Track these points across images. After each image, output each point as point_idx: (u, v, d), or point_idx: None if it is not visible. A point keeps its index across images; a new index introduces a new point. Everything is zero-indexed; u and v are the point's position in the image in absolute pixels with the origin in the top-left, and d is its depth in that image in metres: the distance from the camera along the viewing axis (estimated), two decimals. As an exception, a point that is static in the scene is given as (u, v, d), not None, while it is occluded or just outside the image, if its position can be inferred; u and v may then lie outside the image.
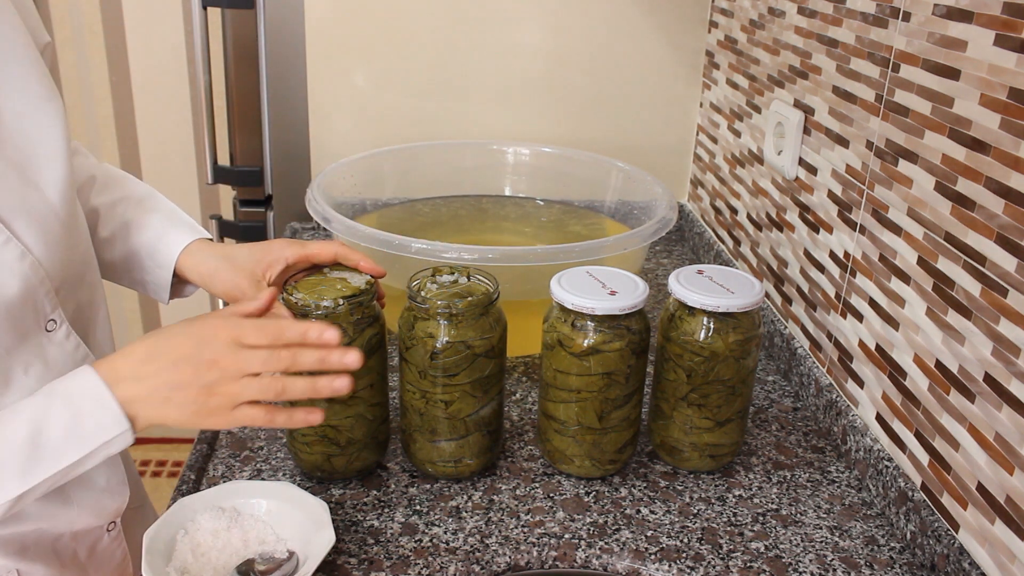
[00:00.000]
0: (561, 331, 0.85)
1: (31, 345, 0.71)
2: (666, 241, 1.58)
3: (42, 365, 0.73)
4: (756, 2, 1.27)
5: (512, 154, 1.48)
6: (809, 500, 0.89)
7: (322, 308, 0.80)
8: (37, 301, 0.70)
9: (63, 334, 0.75)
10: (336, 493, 0.88)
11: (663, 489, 0.90)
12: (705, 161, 1.53)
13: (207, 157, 1.56)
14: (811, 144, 1.09)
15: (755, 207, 1.28)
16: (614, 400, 0.87)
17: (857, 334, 0.97)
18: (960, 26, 0.77)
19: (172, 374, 0.66)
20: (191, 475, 0.88)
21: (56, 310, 0.73)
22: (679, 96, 1.56)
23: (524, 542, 0.82)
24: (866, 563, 0.80)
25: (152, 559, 0.72)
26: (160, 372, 0.66)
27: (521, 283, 1.05)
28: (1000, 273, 0.72)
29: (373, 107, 1.52)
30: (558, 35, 1.49)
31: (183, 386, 0.65)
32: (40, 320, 0.72)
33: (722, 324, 0.86)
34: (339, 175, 1.30)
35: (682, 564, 0.79)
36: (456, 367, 0.83)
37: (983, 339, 0.74)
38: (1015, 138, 0.70)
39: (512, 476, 0.91)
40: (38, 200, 0.70)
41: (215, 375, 0.66)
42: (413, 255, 1.00)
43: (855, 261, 0.97)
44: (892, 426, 0.89)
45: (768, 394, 1.09)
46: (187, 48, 2.16)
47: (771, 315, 1.19)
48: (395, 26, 1.47)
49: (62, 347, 0.75)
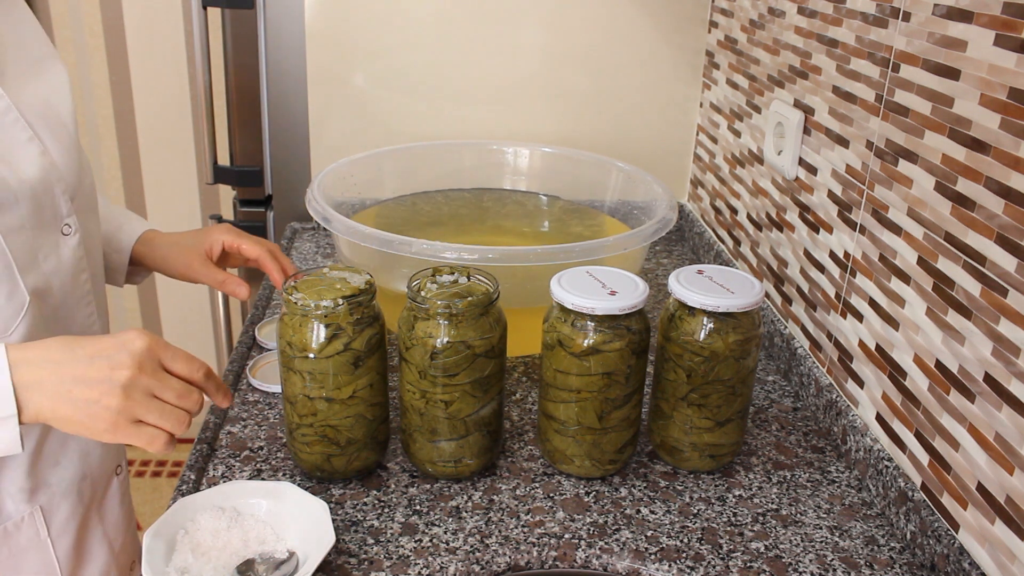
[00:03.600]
0: (561, 331, 0.85)
1: (50, 237, 0.78)
2: (666, 241, 1.58)
3: (56, 260, 0.79)
4: (756, 2, 1.27)
5: (512, 154, 1.48)
6: (809, 500, 0.89)
7: (322, 308, 0.80)
8: (55, 196, 0.78)
9: (75, 242, 0.81)
10: (336, 493, 0.88)
11: (663, 489, 0.90)
12: (705, 161, 1.53)
13: (207, 157, 1.56)
14: (811, 144, 1.09)
15: (755, 207, 1.28)
16: (614, 400, 0.87)
17: (857, 334, 0.97)
18: (960, 26, 0.77)
19: (85, 367, 0.65)
20: (191, 475, 0.88)
21: (71, 216, 0.80)
22: (679, 96, 1.56)
23: (524, 542, 0.82)
24: (866, 563, 0.80)
25: (152, 559, 0.72)
26: (72, 362, 0.65)
27: (521, 283, 1.05)
28: (1000, 273, 0.72)
29: (373, 107, 1.52)
30: (558, 35, 1.49)
31: (91, 382, 0.64)
32: (58, 219, 0.79)
33: (722, 324, 0.86)
34: (339, 175, 1.30)
35: (682, 564, 0.79)
36: (456, 367, 0.83)
37: (983, 339, 0.74)
38: (1015, 138, 0.70)
39: (512, 476, 0.91)
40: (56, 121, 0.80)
41: (130, 380, 0.65)
42: (413, 255, 1.00)
43: (855, 261, 0.97)
44: (892, 426, 0.89)
45: (768, 394, 1.09)
46: (187, 48, 2.16)
47: (771, 315, 1.19)
48: (395, 26, 1.47)
49: (74, 253, 0.81)
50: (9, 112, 0.74)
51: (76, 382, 0.64)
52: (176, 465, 2.54)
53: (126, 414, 0.65)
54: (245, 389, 1.05)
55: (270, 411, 1.01)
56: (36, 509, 0.81)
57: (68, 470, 0.84)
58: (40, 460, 0.81)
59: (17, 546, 0.80)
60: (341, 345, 0.82)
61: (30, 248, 0.75)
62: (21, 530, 0.81)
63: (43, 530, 0.82)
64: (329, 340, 0.81)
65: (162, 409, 0.67)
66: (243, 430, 0.97)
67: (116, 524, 0.91)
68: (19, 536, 0.80)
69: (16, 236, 0.73)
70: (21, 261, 0.74)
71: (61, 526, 0.84)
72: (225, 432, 0.97)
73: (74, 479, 0.85)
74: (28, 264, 0.76)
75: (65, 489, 0.84)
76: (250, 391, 1.05)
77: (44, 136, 0.77)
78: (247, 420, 0.99)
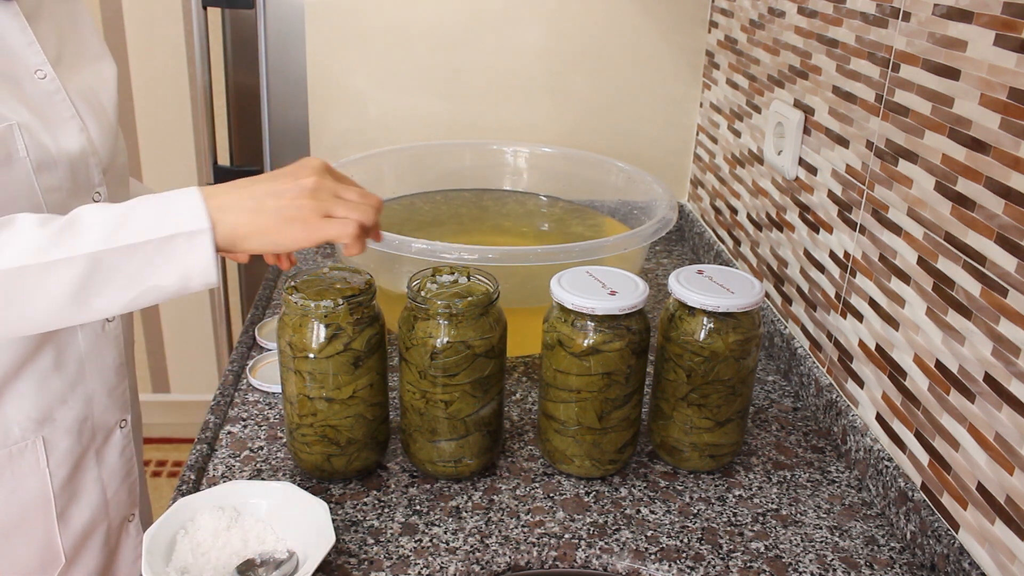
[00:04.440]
0: (561, 331, 0.85)
1: (83, 199, 0.85)
2: (666, 241, 1.58)
3: None
4: (756, 2, 1.27)
5: (512, 154, 1.48)
6: (809, 500, 0.89)
7: (322, 308, 0.80)
8: (89, 167, 0.86)
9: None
10: (336, 493, 0.88)
11: (663, 489, 0.90)
12: (705, 161, 1.53)
13: (207, 157, 1.56)
14: (811, 144, 1.09)
15: (755, 207, 1.28)
16: (614, 400, 0.87)
17: (857, 334, 0.97)
18: (960, 26, 0.77)
19: (270, 183, 0.72)
20: (191, 475, 0.88)
21: (102, 186, 0.87)
22: (679, 96, 1.56)
23: (524, 542, 0.82)
24: (866, 563, 0.80)
25: (152, 559, 0.72)
26: (258, 183, 0.72)
27: (521, 283, 1.05)
28: (1000, 273, 0.72)
29: (373, 107, 1.52)
30: (558, 35, 1.49)
31: (280, 193, 0.71)
32: (90, 187, 0.86)
33: (722, 324, 0.86)
34: (339, 175, 1.30)
35: (682, 564, 0.79)
36: (456, 367, 0.83)
37: (983, 339, 0.74)
38: (1015, 138, 0.70)
39: (512, 476, 0.91)
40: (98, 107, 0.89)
41: (316, 183, 0.72)
42: (413, 255, 1.00)
43: (855, 261, 0.97)
44: (892, 426, 0.89)
45: (768, 394, 1.09)
46: (187, 48, 2.16)
47: (771, 315, 1.19)
48: (395, 26, 1.47)
49: None
50: (58, 92, 0.84)
51: (266, 195, 0.71)
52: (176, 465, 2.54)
53: (317, 210, 0.71)
54: (245, 389, 1.05)
55: (270, 411, 1.01)
56: (39, 439, 0.87)
57: (73, 410, 0.90)
58: (50, 395, 0.87)
59: (19, 470, 0.87)
60: (341, 345, 0.82)
61: (64, 206, 0.82)
62: (24, 456, 0.87)
63: (43, 460, 0.88)
64: (329, 340, 0.81)
65: (348, 203, 0.73)
66: (243, 430, 0.97)
67: (113, 471, 0.96)
68: (22, 461, 0.87)
69: (54, 194, 0.81)
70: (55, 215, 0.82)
71: (59, 459, 0.89)
72: (225, 432, 0.97)
73: (77, 419, 0.90)
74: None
75: (68, 427, 0.89)
76: (250, 391, 1.05)
77: (85, 116, 0.86)
78: (247, 420, 0.99)
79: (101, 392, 0.93)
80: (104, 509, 0.96)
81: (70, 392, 0.89)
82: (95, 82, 0.91)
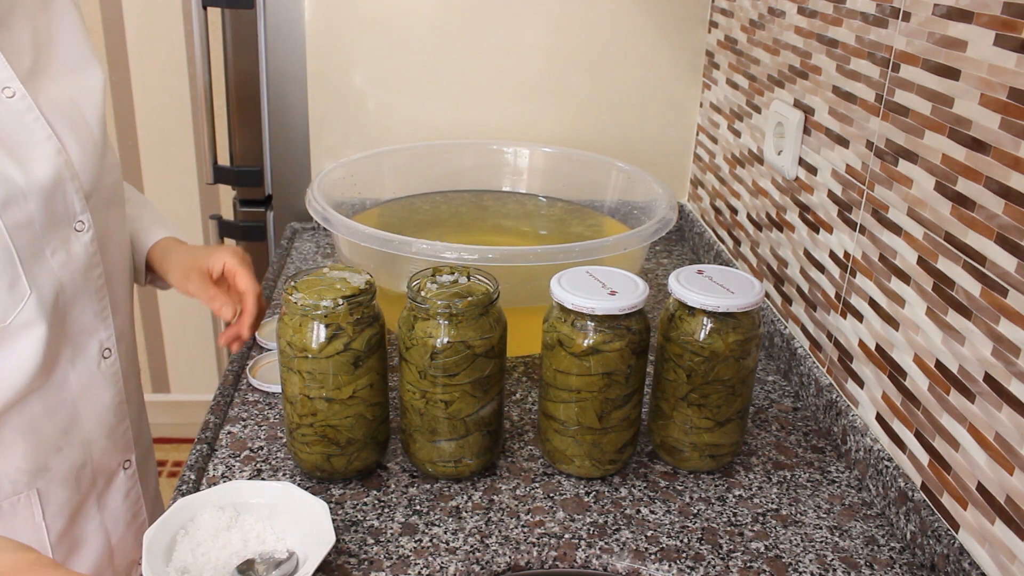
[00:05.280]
0: (561, 331, 0.85)
1: (61, 233, 0.80)
2: (666, 241, 1.58)
3: (65, 254, 0.82)
4: (756, 2, 1.27)
5: (512, 154, 1.48)
6: (809, 500, 0.89)
7: (321, 308, 0.80)
8: (67, 195, 0.80)
9: (88, 239, 0.84)
10: (336, 493, 0.88)
11: (663, 489, 0.90)
12: (705, 161, 1.53)
13: (207, 157, 1.56)
14: (811, 144, 1.09)
15: (755, 207, 1.28)
16: (614, 400, 0.87)
17: (857, 334, 0.97)
18: (960, 26, 0.77)
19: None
20: (191, 475, 0.88)
21: (85, 214, 0.82)
22: (679, 96, 1.56)
23: (524, 542, 0.82)
24: (866, 563, 0.80)
25: (152, 559, 0.72)
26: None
27: (521, 283, 1.05)
28: (1000, 273, 0.72)
29: (373, 107, 1.52)
30: (558, 35, 1.49)
31: None
32: (70, 217, 0.81)
33: (722, 324, 0.86)
34: (339, 175, 1.30)
35: (682, 564, 0.79)
36: (456, 367, 0.83)
37: (983, 339, 0.74)
38: (1015, 138, 0.70)
39: (512, 476, 0.91)
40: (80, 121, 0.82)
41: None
42: (413, 255, 1.00)
43: (855, 261, 0.97)
44: (892, 426, 0.89)
45: (768, 394, 1.09)
46: (187, 48, 2.16)
47: (771, 315, 1.19)
48: (395, 26, 1.47)
49: (85, 249, 0.84)
50: (30, 111, 0.76)
51: None
52: (176, 465, 2.54)
53: None
54: (245, 389, 1.05)
55: (270, 411, 1.01)
56: (33, 492, 0.83)
57: (69, 457, 0.85)
58: (41, 444, 0.82)
59: (12, 526, 0.82)
60: (341, 345, 0.82)
61: (38, 243, 0.77)
62: (17, 511, 0.82)
63: (38, 513, 0.84)
64: (329, 340, 0.81)
65: None
66: (243, 430, 0.97)
67: (116, 517, 0.92)
68: (14, 517, 0.82)
69: (23, 231, 0.75)
70: (26, 255, 0.76)
71: (56, 510, 0.85)
72: (225, 432, 0.97)
73: (74, 466, 0.86)
74: (34, 258, 0.78)
75: (64, 475, 0.85)
76: (250, 391, 1.05)
77: (63, 135, 0.79)
78: (247, 420, 0.99)
79: (99, 435, 0.88)
80: (108, 557, 0.92)
81: (64, 438, 0.84)
82: (77, 94, 0.83)
